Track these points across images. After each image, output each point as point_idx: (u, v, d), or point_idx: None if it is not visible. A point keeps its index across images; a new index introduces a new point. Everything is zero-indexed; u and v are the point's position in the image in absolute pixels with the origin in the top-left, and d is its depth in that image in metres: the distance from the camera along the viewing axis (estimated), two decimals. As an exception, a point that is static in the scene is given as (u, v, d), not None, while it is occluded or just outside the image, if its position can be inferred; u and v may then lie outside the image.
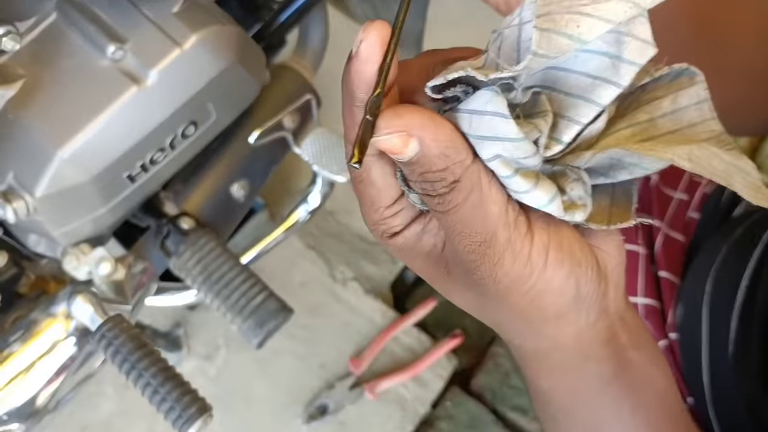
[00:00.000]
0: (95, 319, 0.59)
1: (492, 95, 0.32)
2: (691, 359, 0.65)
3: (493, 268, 0.35)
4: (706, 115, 0.37)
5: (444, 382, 1.16)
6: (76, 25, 0.62)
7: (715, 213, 0.72)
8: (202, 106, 0.68)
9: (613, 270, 0.39)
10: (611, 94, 0.34)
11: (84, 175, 0.63)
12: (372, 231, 0.39)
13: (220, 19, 0.66)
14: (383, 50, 0.32)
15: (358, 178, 0.36)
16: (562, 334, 0.38)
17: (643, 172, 0.36)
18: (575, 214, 0.35)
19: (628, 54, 0.34)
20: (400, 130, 0.32)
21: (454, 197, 0.33)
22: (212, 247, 0.74)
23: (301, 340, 1.16)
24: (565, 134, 0.35)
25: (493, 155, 0.33)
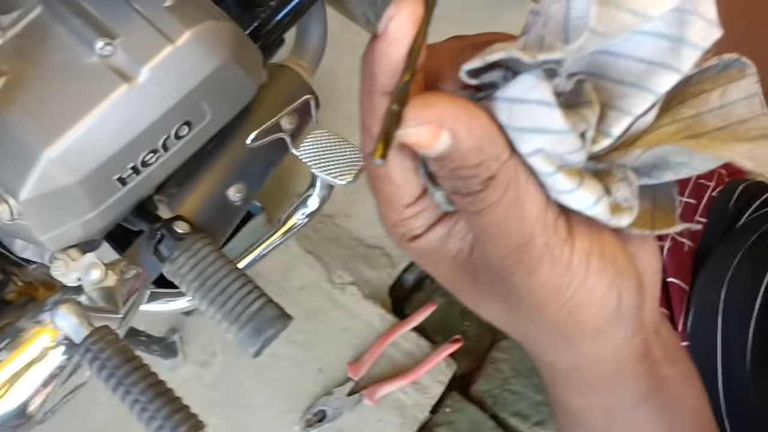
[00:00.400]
0: (80, 330, 0.56)
1: (536, 80, 0.28)
2: (705, 368, 0.63)
3: (528, 277, 0.31)
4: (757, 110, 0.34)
5: (443, 388, 1.14)
6: (63, 19, 0.59)
7: (723, 218, 0.70)
8: (196, 105, 0.65)
9: (650, 280, 0.36)
10: (670, 80, 0.30)
11: (72, 177, 0.60)
12: (390, 234, 0.35)
13: (215, 15, 0.63)
14: (415, 30, 0.29)
15: (375, 174, 0.33)
16: (600, 349, 0.35)
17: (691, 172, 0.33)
18: (622, 218, 0.32)
19: (693, 35, 0.30)
20: (431, 121, 0.28)
21: (488, 195, 0.30)
22: (207, 252, 0.71)
23: (299, 345, 1.14)
24: (615, 126, 0.31)
25: (535, 149, 0.30)
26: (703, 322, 0.64)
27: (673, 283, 0.68)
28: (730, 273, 0.62)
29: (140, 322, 1.08)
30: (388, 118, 0.28)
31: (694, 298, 0.65)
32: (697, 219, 0.71)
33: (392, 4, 0.29)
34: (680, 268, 0.68)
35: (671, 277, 0.68)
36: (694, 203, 0.72)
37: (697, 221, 0.71)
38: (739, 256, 0.63)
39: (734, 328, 0.60)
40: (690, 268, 0.68)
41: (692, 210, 0.72)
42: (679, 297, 0.67)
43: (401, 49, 0.29)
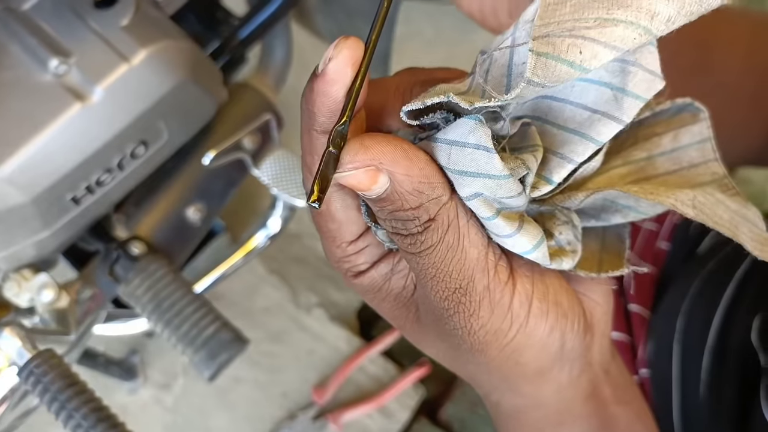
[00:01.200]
0: (23, 353, 0.54)
1: (475, 125, 0.28)
2: (662, 397, 0.63)
3: (468, 319, 0.31)
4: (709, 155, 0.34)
5: (411, 413, 1.12)
6: (17, 36, 0.58)
7: (684, 243, 0.70)
8: (152, 124, 0.64)
9: (599, 320, 0.35)
10: (611, 131, 0.30)
11: (24, 196, 0.59)
12: (335, 269, 0.35)
13: (172, 34, 0.63)
14: (354, 72, 0.28)
15: (316, 210, 0.32)
16: (541, 391, 0.35)
17: (638, 216, 0.33)
18: (563, 262, 0.32)
19: (634, 86, 0.30)
20: (368, 164, 0.28)
21: (427, 237, 0.30)
22: (163, 273, 0.70)
23: (262, 368, 1.12)
24: (556, 173, 0.31)
25: (473, 193, 0.29)
26: (661, 351, 0.63)
27: (635, 311, 0.67)
28: (687, 302, 0.62)
29: (99, 343, 1.06)
30: (324, 161, 0.28)
31: (652, 326, 0.65)
32: (659, 245, 0.71)
33: (332, 45, 0.29)
34: (642, 296, 0.68)
35: (633, 304, 0.68)
36: (655, 229, 0.72)
37: (659, 248, 0.71)
38: (696, 284, 0.63)
39: (690, 357, 0.60)
40: (652, 295, 0.68)
41: (654, 236, 0.72)
42: (640, 325, 0.67)
43: (339, 90, 0.28)
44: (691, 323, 0.60)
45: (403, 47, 1.01)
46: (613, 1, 0.28)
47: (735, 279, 0.59)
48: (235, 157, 0.76)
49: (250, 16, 0.79)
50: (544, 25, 0.28)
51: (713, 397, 0.56)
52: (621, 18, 0.27)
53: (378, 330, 1.21)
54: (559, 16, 0.28)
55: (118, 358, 1.05)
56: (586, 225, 0.34)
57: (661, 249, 0.70)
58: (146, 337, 1.10)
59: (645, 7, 0.27)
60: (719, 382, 0.56)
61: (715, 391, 0.56)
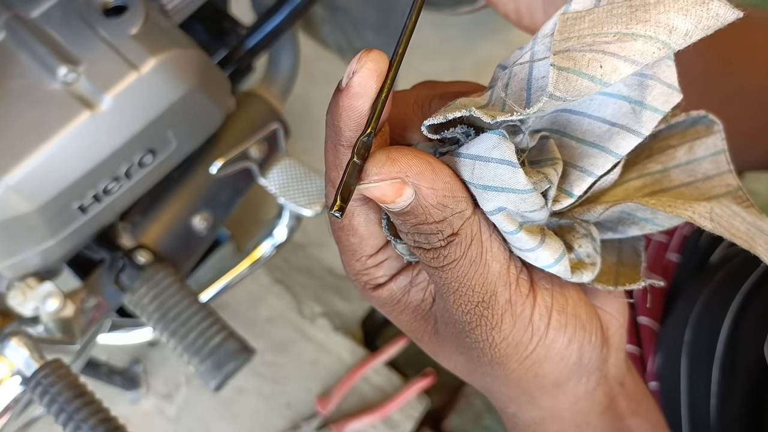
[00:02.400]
0: (31, 363, 0.54)
1: (499, 140, 0.28)
2: (671, 410, 0.62)
3: (490, 332, 0.31)
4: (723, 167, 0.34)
5: (415, 424, 1.12)
6: (26, 45, 0.58)
7: (694, 255, 0.69)
8: (160, 133, 0.64)
9: (615, 333, 0.35)
10: (630, 144, 0.30)
11: (30, 205, 0.59)
12: (353, 282, 0.35)
13: (181, 43, 0.62)
14: (379, 85, 0.28)
15: (338, 225, 0.32)
16: (558, 403, 0.35)
17: (655, 228, 0.33)
18: (583, 275, 0.32)
19: (652, 100, 0.30)
20: (394, 177, 0.28)
21: (451, 252, 0.30)
22: (169, 282, 0.70)
23: (266, 378, 1.11)
24: (576, 187, 0.31)
25: (497, 208, 0.29)
26: (669, 363, 0.63)
27: (644, 323, 0.67)
28: (695, 313, 0.62)
29: (102, 352, 1.05)
30: (348, 171, 0.28)
31: (661, 338, 0.65)
32: (668, 257, 0.71)
33: (355, 58, 0.29)
34: (652, 308, 0.67)
35: (642, 316, 0.67)
36: (665, 241, 0.72)
37: (668, 260, 0.71)
38: (703, 296, 0.62)
39: (698, 369, 0.59)
40: (661, 307, 0.68)
41: (663, 248, 0.72)
42: (650, 337, 0.67)
43: (365, 104, 0.28)
44: (698, 334, 0.60)
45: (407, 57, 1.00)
46: (632, 16, 0.28)
47: (742, 290, 0.58)
48: (242, 166, 0.76)
49: (257, 25, 0.79)
50: (564, 39, 0.29)
51: (724, 409, 0.55)
52: (640, 33, 0.27)
53: (382, 340, 1.20)
54: (579, 31, 0.29)
55: (120, 368, 1.05)
56: (603, 237, 0.34)
57: (670, 261, 0.70)
58: (149, 346, 1.10)
59: (663, 22, 0.27)
60: (730, 393, 0.55)
61: (726, 402, 0.55)
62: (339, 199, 0.28)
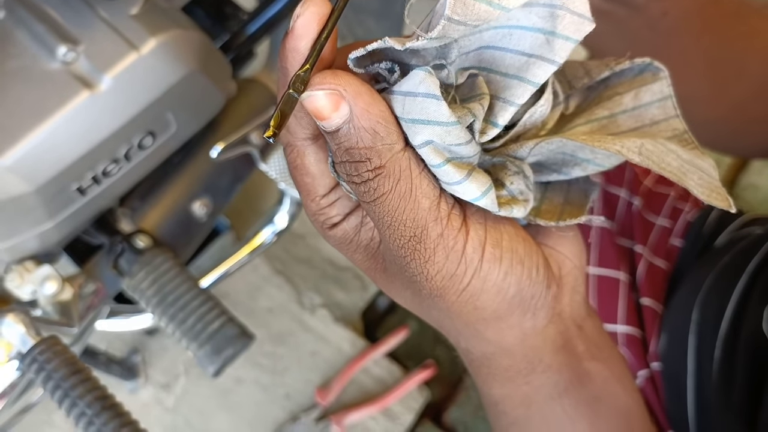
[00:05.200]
0: (27, 340, 0.53)
1: (425, 75, 0.30)
2: (675, 390, 0.62)
3: (424, 265, 0.33)
4: (670, 112, 0.36)
5: (415, 415, 1.11)
6: (25, 24, 0.58)
7: (697, 240, 0.69)
8: (160, 115, 0.63)
9: (568, 273, 0.36)
10: (545, 72, 0.32)
11: (28, 186, 0.58)
12: (312, 222, 0.37)
13: (182, 24, 0.62)
14: (320, 27, 0.30)
15: (293, 164, 0.35)
16: (504, 336, 0.36)
17: (597, 168, 0.35)
18: (513, 210, 0.33)
19: (563, 29, 0.32)
20: (333, 88, 0.30)
21: (380, 185, 0.31)
22: (168, 267, 0.69)
23: (265, 368, 1.11)
24: (501, 117, 0.33)
25: (424, 141, 0.31)
26: (674, 344, 0.63)
27: (647, 305, 0.67)
28: (702, 294, 0.61)
29: (101, 341, 1.05)
30: (282, 100, 0.30)
31: (666, 319, 0.64)
32: (672, 242, 0.71)
33: (300, 4, 0.31)
34: (654, 289, 0.67)
35: (645, 298, 0.67)
36: (669, 226, 0.72)
37: (672, 244, 0.71)
38: (711, 277, 0.62)
39: (704, 350, 0.59)
40: (664, 290, 0.68)
41: (667, 232, 0.72)
42: (652, 319, 0.66)
43: (306, 44, 0.30)
44: (705, 315, 0.60)
45: None
46: None
47: (747, 271, 0.58)
48: (242, 151, 0.76)
49: (258, 11, 0.79)
50: None
51: (724, 388, 0.55)
52: None
53: (382, 331, 1.20)
54: None
55: (119, 357, 1.04)
56: (549, 179, 0.36)
57: (674, 246, 0.70)
58: (147, 336, 1.09)
59: None
60: (730, 372, 0.55)
61: (727, 382, 0.55)
62: (272, 125, 0.29)
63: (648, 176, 0.77)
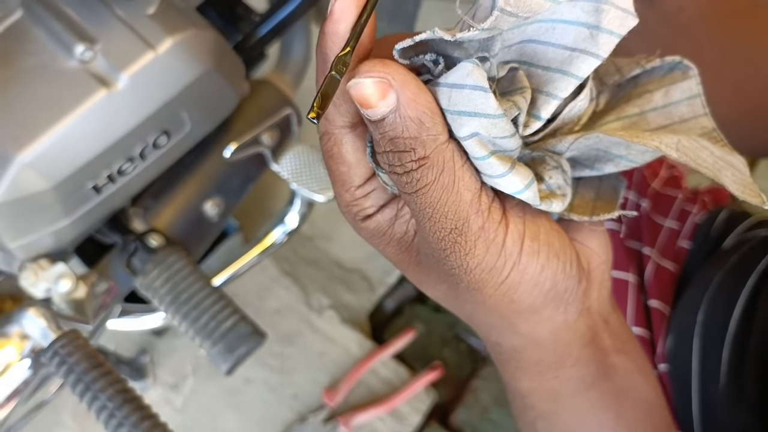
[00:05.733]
0: (48, 334, 0.54)
1: (473, 67, 0.30)
2: (682, 391, 0.62)
3: (464, 258, 0.33)
4: (699, 110, 0.36)
5: (422, 417, 1.11)
6: (43, 23, 0.58)
7: (705, 242, 0.70)
8: (176, 114, 0.64)
9: (596, 268, 0.37)
10: (590, 66, 0.32)
11: (45, 183, 0.59)
12: (344, 214, 0.37)
13: (198, 24, 0.63)
14: (358, 11, 0.30)
15: (329, 153, 0.34)
16: (537, 330, 0.36)
17: (630, 164, 0.35)
18: (552, 204, 0.34)
19: (607, 23, 0.32)
20: (383, 76, 0.30)
21: (423, 176, 0.31)
22: (181, 266, 0.70)
23: (273, 369, 1.11)
24: (544, 110, 0.33)
25: (470, 133, 0.31)
26: (681, 345, 0.63)
27: (655, 307, 0.67)
28: (708, 295, 0.62)
29: (109, 341, 1.05)
30: (325, 82, 0.30)
31: (673, 320, 0.65)
32: (680, 244, 0.71)
33: None
34: (662, 291, 0.68)
35: (653, 299, 0.68)
36: (677, 228, 0.72)
37: (680, 246, 0.71)
38: (717, 278, 0.62)
39: (710, 350, 0.60)
40: (672, 291, 0.68)
41: (675, 234, 0.72)
42: (660, 320, 0.67)
43: (346, 27, 0.30)
44: (712, 316, 0.60)
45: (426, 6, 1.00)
46: None
47: (757, 271, 0.59)
48: (254, 151, 0.76)
49: (270, 13, 0.79)
50: None
51: (735, 387, 0.56)
52: None
53: (390, 333, 1.20)
54: None
55: (127, 358, 1.04)
56: (581, 174, 0.36)
57: (682, 248, 0.70)
58: (156, 336, 1.10)
59: None
60: (741, 371, 0.56)
61: (737, 381, 0.56)
62: (316, 105, 0.29)
63: (656, 179, 0.77)
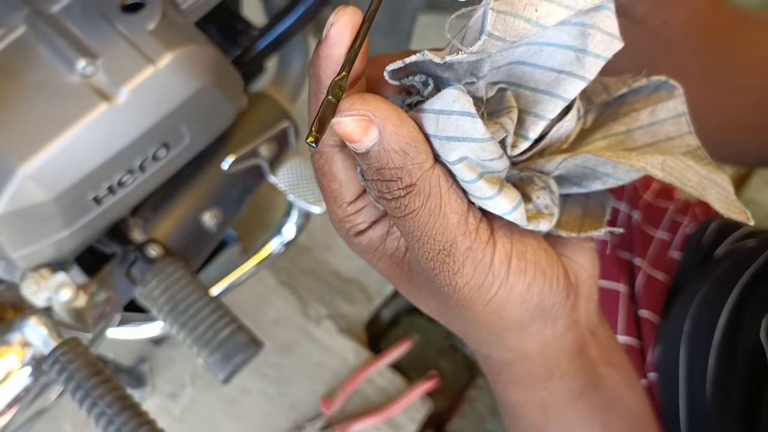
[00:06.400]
0: (49, 342, 0.55)
1: (459, 94, 0.31)
2: (669, 399, 0.63)
3: (453, 277, 0.34)
4: (684, 129, 0.37)
5: (418, 426, 1.12)
6: (46, 38, 0.60)
7: (696, 253, 0.71)
8: (175, 127, 0.65)
9: (584, 282, 0.38)
10: (576, 88, 0.33)
11: (47, 194, 0.60)
12: (337, 229, 0.37)
13: (197, 40, 0.64)
14: (353, 35, 0.31)
15: (321, 171, 0.35)
16: (526, 345, 0.37)
17: (617, 182, 0.36)
18: (540, 224, 0.35)
19: (594, 47, 0.33)
20: (363, 114, 0.31)
21: (410, 202, 0.32)
22: (180, 275, 0.71)
23: (270, 378, 1.12)
24: (531, 130, 0.34)
25: (459, 157, 0.32)
26: (668, 354, 0.64)
27: (645, 317, 0.68)
28: (695, 305, 0.63)
29: (108, 350, 1.06)
30: (323, 107, 0.31)
31: (661, 330, 0.66)
32: (671, 254, 0.72)
33: (333, 13, 0.32)
34: (653, 301, 0.69)
35: (643, 309, 0.69)
36: (668, 239, 0.73)
37: (671, 257, 0.72)
38: (704, 288, 0.64)
39: (696, 358, 0.61)
40: (662, 302, 0.69)
41: (666, 245, 0.73)
42: (650, 330, 0.68)
43: (340, 51, 0.31)
44: (697, 325, 0.61)
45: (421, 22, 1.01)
46: None
47: (741, 281, 0.60)
48: (252, 163, 0.77)
49: (268, 28, 0.81)
50: None
51: (721, 394, 0.57)
52: None
53: (386, 343, 1.21)
54: None
55: (126, 366, 1.05)
56: (569, 191, 0.37)
57: (673, 258, 0.71)
58: (155, 345, 1.11)
59: None
60: (727, 379, 0.57)
61: (722, 389, 0.57)
62: (314, 130, 0.30)
63: (647, 191, 0.79)
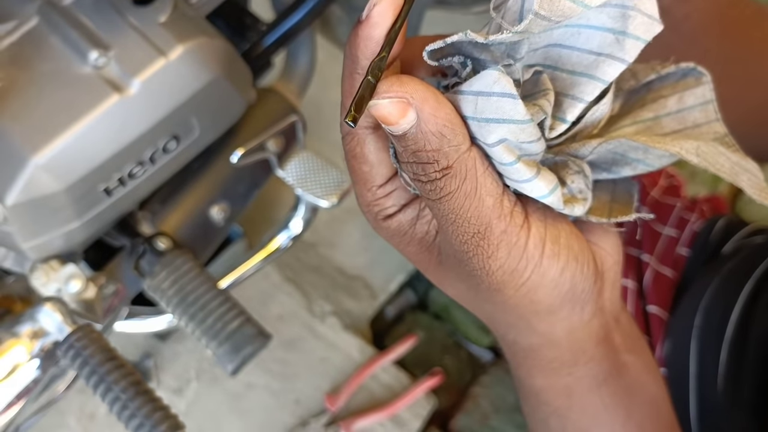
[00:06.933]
0: (63, 328, 0.55)
1: (499, 75, 0.31)
2: (679, 395, 0.64)
3: (486, 261, 0.33)
4: (711, 116, 0.37)
5: (422, 422, 1.12)
6: (58, 29, 0.60)
7: (704, 249, 0.71)
8: (185, 119, 0.66)
9: (610, 269, 0.38)
10: (616, 70, 0.33)
11: (59, 185, 0.60)
12: (365, 213, 0.37)
13: (208, 32, 0.64)
14: (395, 16, 0.31)
15: (352, 153, 0.35)
16: (554, 329, 0.37)
17: (646, 168, 0.36)
18: (575, 208, 0.34)
19: (634, 29, 0.33)
20: (401, 96, 0.30)
21: (446, 184, 0.32)
22: (189, 268, 0.71)
23: (275, 374, 1.12)
24: (569, 113, 0.34)
25: (498, 139, 0.32)
26: (678, 349, 0.64)
27: (653, 312, 0.69)
28: (705, 300, 0.63)
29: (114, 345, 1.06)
30: (362, 86, 0.31)
31: (671, 325, 0.66)
32: (679, 251, 0.73)
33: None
34: (661, 297, 0.69)
35: (651, 305, 0.69)
36: (675, 236, 0.74)
37: (679, 253, 0.72)
38: (714, 284, 0.64)
39: (707, 354, 0.61)
40: (670, 298, 0.69)
41: (674, 242, 0.73)
42: (658, 326, 0.68)
43: (381, 32, 0.31)
44: (709, 319, 0.62)
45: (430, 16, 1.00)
46: None
47: (755, 276, 0.60)
48: (261, 157, 0.78)
49: (277, 23, 0.81)
50: None
51: (732, 388, 0.57)
52: None
53: (391, 339, 1.21)
54: None
55: (132, 361, 1.06)
56: (599, 177, 0.37)
57: (681, 255, 0.72)
58: (160, 341, 1.11)
59: None
60: (739, 373, 0.57)
61: (734, 383, 0.57)
62: (353, 109, 0.30)
63: (655, 187, 0.79)
